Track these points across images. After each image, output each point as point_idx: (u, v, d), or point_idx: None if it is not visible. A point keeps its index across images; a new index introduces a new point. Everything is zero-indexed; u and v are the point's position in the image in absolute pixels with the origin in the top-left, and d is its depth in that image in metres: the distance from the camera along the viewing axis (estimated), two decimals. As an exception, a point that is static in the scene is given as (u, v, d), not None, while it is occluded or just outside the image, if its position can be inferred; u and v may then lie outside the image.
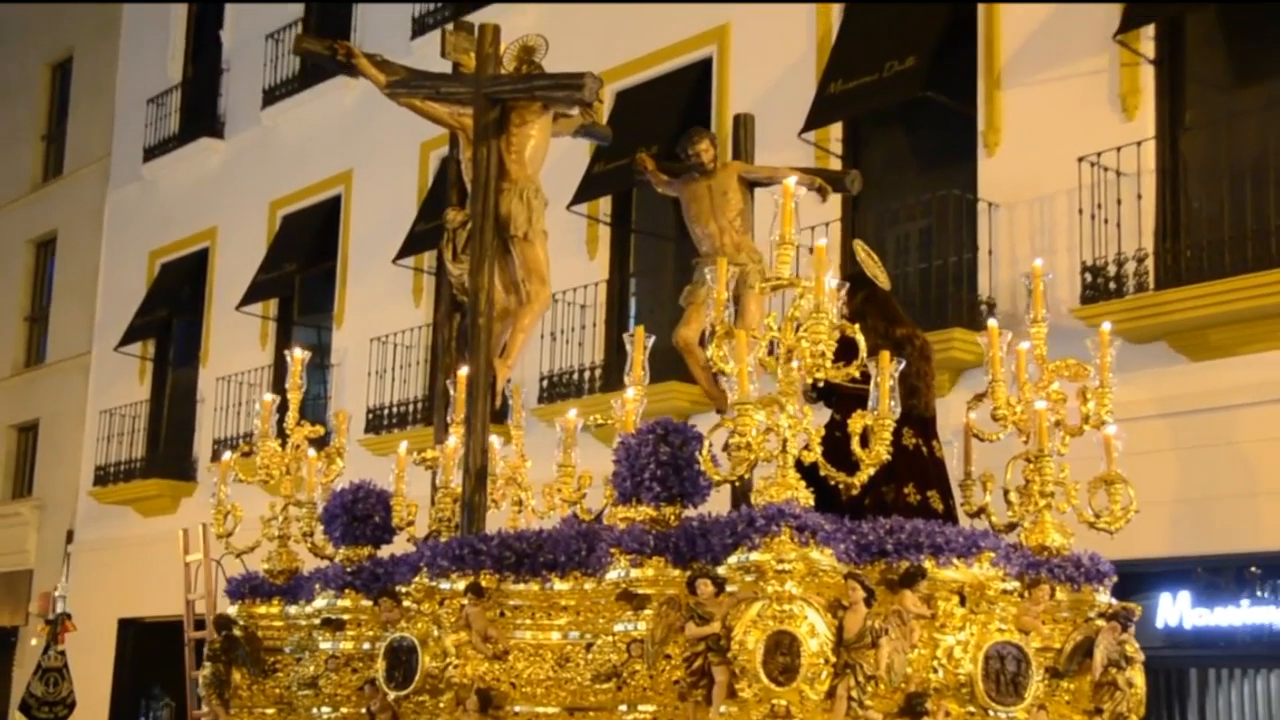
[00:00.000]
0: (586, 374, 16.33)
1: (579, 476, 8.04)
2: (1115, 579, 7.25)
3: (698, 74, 16.26)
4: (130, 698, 22.47)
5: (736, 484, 6.85)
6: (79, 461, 24.14)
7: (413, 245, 18.25)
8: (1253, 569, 11.76)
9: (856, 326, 6.40)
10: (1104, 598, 7.17)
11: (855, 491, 6.55)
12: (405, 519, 8.08)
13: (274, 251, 21.05)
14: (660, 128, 15.60)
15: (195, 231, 23.02)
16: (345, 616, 7.99)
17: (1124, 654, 6.99)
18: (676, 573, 6.47)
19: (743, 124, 9.50)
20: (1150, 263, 12.14)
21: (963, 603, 6.48)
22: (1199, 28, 12.86)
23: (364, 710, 7.65)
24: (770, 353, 6.28)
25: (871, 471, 6.38)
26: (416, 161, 19.26)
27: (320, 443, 8.78)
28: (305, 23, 21.49)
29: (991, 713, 6.44)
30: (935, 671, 6.39)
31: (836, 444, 6.44)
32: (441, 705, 6.92)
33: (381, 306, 18.98)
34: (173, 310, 22.93)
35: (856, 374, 6.32)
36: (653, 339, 8.42)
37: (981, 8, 13.85)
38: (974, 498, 7.48)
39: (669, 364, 15.12)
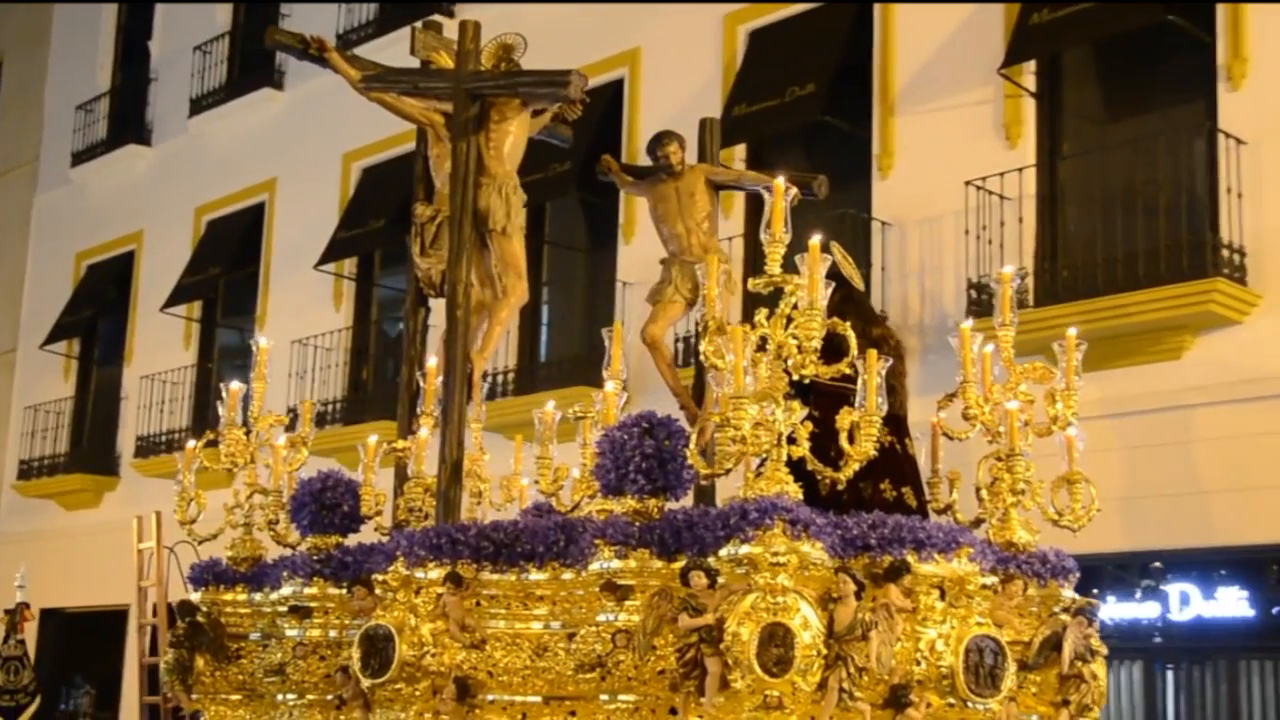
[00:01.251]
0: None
1: (556, 468, 7.95)
2: (1079, 575, 7.22)
3: (610, 95, 16.54)
4: (51, 687, 22.35)
5: (715, 479, 6.81)
6: (3, 456, 24.03)
7: (334, 252, 18.51)
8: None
9: (848, 324, 6.35)
10: (1068, 593, 7.13)
11: (841, 486, 6.50)
12: (374, 508, 7.94)
13: (199, 255, 21.14)
14: (573, 146, 15.86)
15: (122, 235, 23.01)
16: (313, 604, 7.80)
17: (1089, 647, 6.96)
18: (660, 564, 6.36)
19: (708, 128, 9.39)
20: (1030, 281, 12.55)
21: (942, 597, 6.43)
22: (1076, 65, 13.39)
23: (330, 698, 7.54)
24: (760, 349, 6.14)
25: (855, 467, 6.30)
26: (339, 172, 19.50)
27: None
28: (232, 37, 21.62)
29: (970, 704, 6.38)
30: (918, 664, 6.33)
31: (815, 440, 6.29)
32: (418, 693, 6.81)
33: (303, 311, 19.15)
34: (98, 310, 22.96)
35: (846, 370, 6.26)
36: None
37: (878, 40, 14.27)
38: (941, 495, 7.41)
39: (578, 367, 15.48)
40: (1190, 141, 12.40)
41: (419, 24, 9.15)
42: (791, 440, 6.15)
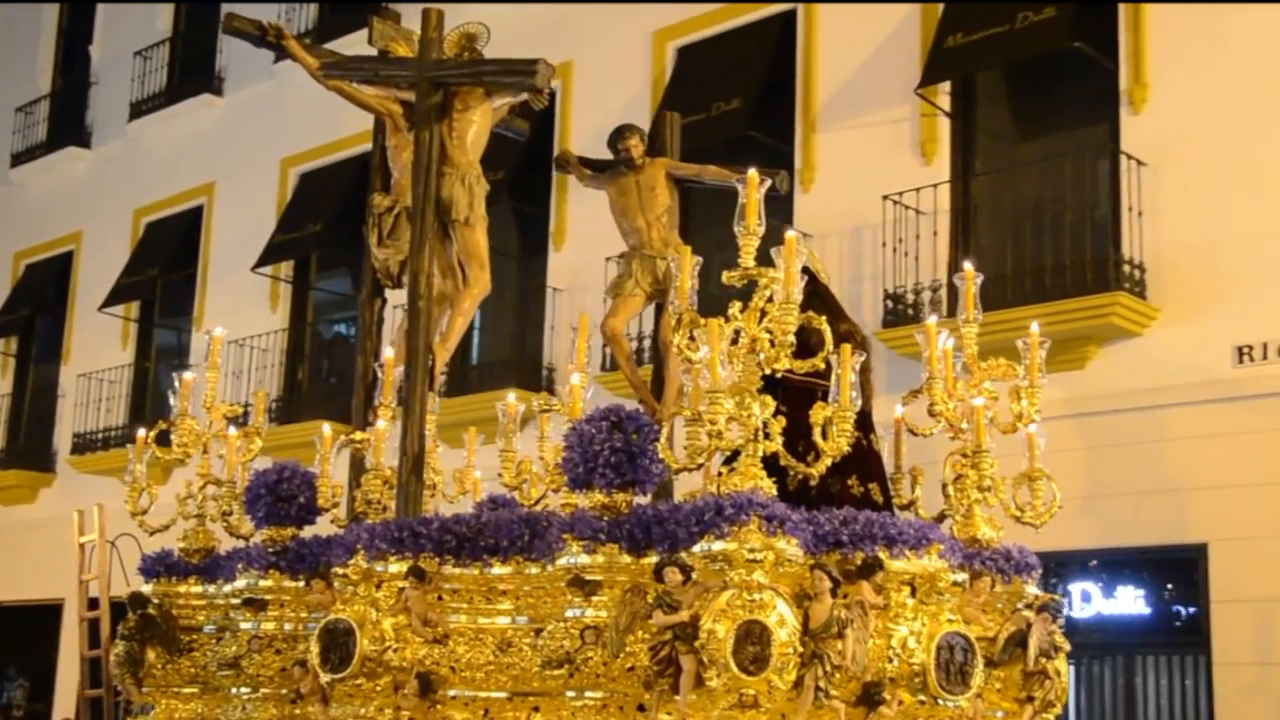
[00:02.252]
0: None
1: (519, 463, 7.74)
2: (1041, 571, 7.11)
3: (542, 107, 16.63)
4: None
5: (674, 475, 6.64)
6: (-61, 452, 23.80)
7: (271, 255, 18.55)
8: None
9: (823, 319, 6.22)
10: (1032, 589, 6.98)
11: (814, 482, 6.36)
12: (331, 500, 7.72)
13: (137, 257, 21.09)
14: (503, 157, 16.00)
15: (61, 235, 22.90)
16: (268, 597, 7.53)
17: (1053, 644, 6.84)
18: (629, 560, 6.14)
19: (667, 121, 9.19)
20: (944, 293, 12.82)
21: (913, 594, 6.26)
22: (988, 87, 13.70)
23: (284, 691, 7.30)
24: (734, 342, 5.98)
25: (829, 462, 6.14)
26: (276, 176, 19.55)
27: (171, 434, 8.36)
28: (172, 43, 21.60)
29: (941, 701, 6.24)
30: (890, 661, 6.16)
31: (785, 435, 6.08)
32: (378, 689, 6.58)
33: (239, 312, 19.12)
34: (36, 309, 22.85)
35: (821, 365, 6.11)
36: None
37: (800, 58, 14.52)
38: (904, 491, 7.24)
39: (509, 370, 15.60)
40: (1095, 162, 12.72)
41: (376, 15, 8.83)
42: (766, 435, 5.97)
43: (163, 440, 8.39)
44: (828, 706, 5.80)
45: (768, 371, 6.02)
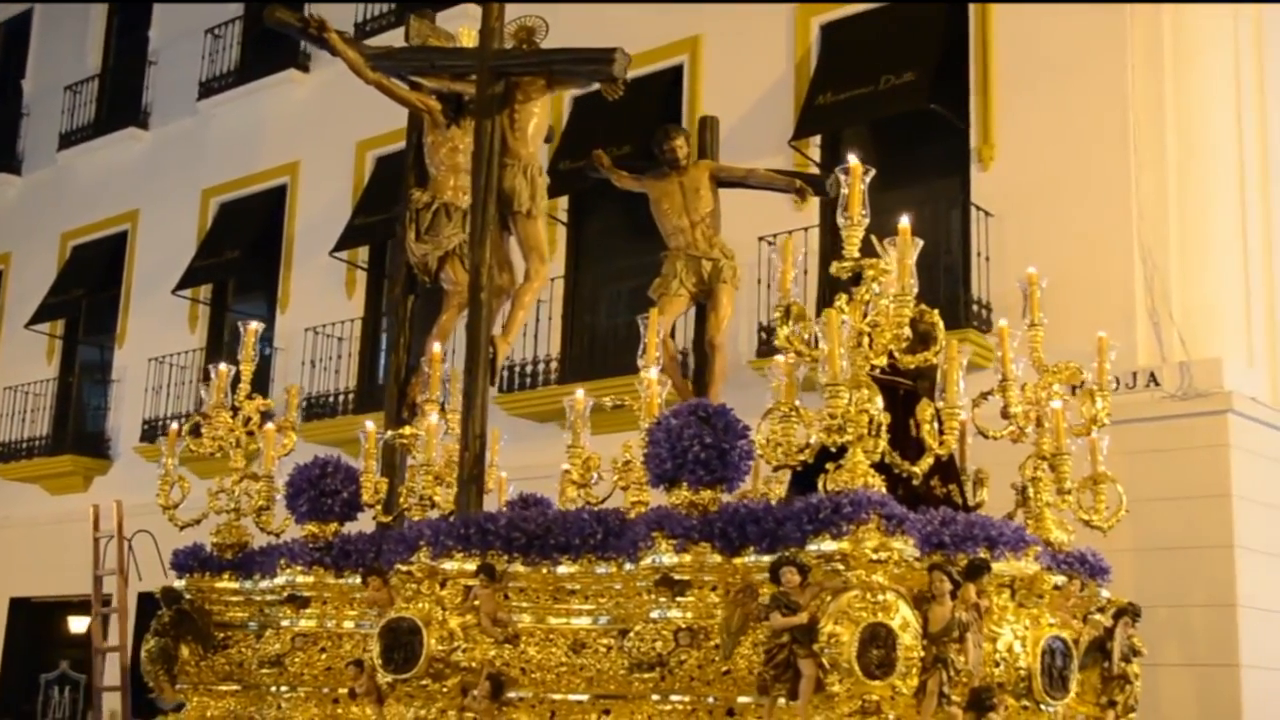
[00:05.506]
0: (342, 397, 16.65)
1: (586, 459, 7.11)
2: (1112, 576, 6.72)
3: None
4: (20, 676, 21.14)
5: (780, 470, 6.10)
6: None
7: (191, 279, 18.58)
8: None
9: (936, 312, 5.88)
10: (1105, 593, 6.59)
11: (917, 481, 5.86)
12: (375, 497, 7.16)
13: (63, 277, 20.97)
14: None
15: (-10, 256, 22.65)
16: (309, 594, 7.02)
17: (1132, 647, 6.51)
18: (719, 559, 5.63)
19: (708, 126, 8.80)
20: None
21: (1012, 596, 5.84)
22: (854, 141, 14.04)
23: (326, 690, 6.85)
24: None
25: (930, 461, 5.72)
26: (197, 205, 19.53)
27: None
28: (101, 79, 21.45)
29: (1043, 706, 5.82)
30: (997, 665, 5.70)
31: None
32: (445, 690, 6.12)
33: (160, 331, 19.12)
34: (-36, 325, 22.50)
35: (934, 359, 5.72)
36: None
37: (685, 108, 14.80)
38: (967, 493, 6.78)
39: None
40: (948, 212, 13.14)
41: (414, 14, 8.39)
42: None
43: (194, 432, 7.93)
44: (946, 713, 5.36)
45: (876, 364, 5.61)
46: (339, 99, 17.72)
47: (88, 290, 20.49)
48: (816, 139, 13.80)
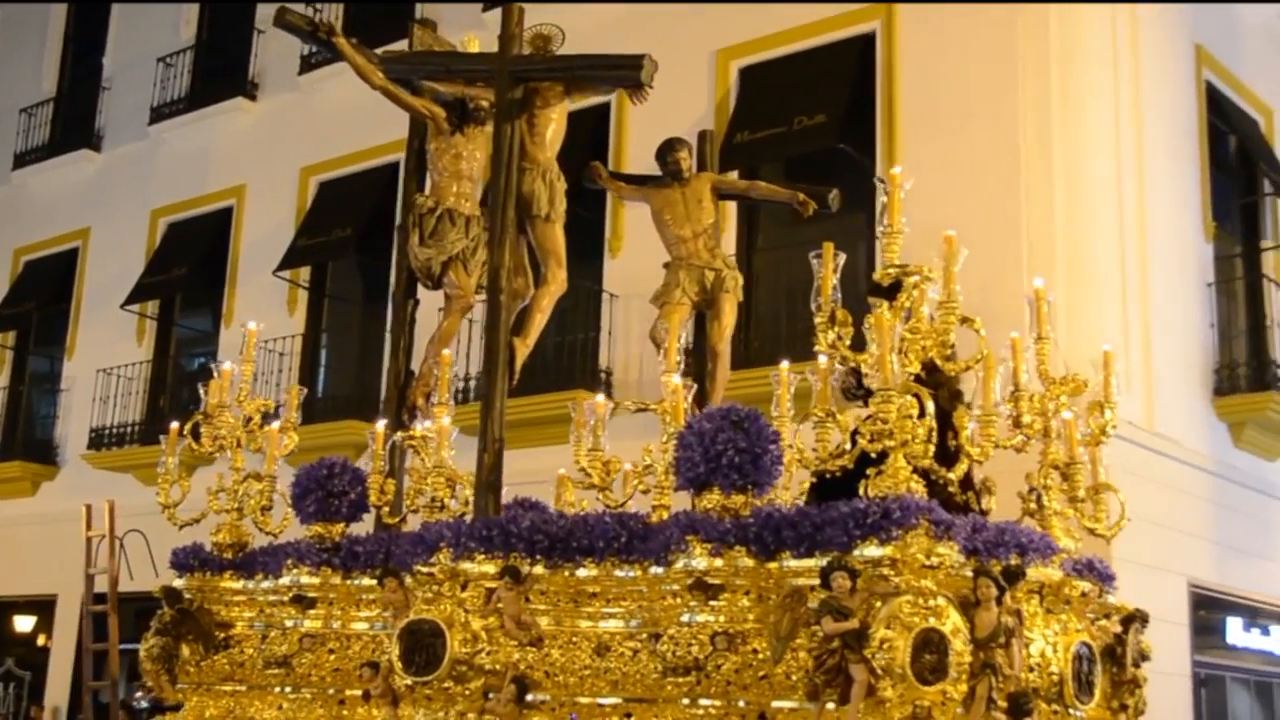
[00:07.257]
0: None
1: (606, 462, 6.85)
2: (1116, 582, 6.58)
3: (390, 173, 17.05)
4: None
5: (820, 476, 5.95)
6: None
7: (139, 294, 18.74)
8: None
9: (978, 320, 5.70)
10: (1112, 599, 6.42)
11: (953, 487, 5.70)
12: (383, 498, 6.98)
13: (15, 290, 21.01)
14: (354, 213, 16.36)
15: (-56, 271, 22.55)
16: (314, 595, 6.81)
17: (1141, 651, 6.38)
18: (752, 564, 5.43)
19: (707, 139, 8.72)
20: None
21: (1040, 602, 5.73)
22: (769, 177, 14.41)
23: (332, 691, 6.61)
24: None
25: (966, 467, 5.58)
26: (146, 224, 19.65)
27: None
28: (56, 102, 21.52)
29: (1073, 711, 5.72)
30: (1031, 671, 5.55)
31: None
32: (467, 693, 5.88)
33: (109, 344, 19.21)
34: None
35: (974, 366, 5.59)
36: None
37: (612, 140, 15.13)
38: (973, 502, 6.54)
39: (350, 404, 15.89)
40: (856, 244, 13.54)
41: (417, 23, 8.31)
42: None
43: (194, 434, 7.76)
44: (992, 718, 5.24)
45: (916, 370, 5.51)
46: (284, 126, 18.03)
47: (39, 303, 20.59)
48: (735, 174, 14.15)
